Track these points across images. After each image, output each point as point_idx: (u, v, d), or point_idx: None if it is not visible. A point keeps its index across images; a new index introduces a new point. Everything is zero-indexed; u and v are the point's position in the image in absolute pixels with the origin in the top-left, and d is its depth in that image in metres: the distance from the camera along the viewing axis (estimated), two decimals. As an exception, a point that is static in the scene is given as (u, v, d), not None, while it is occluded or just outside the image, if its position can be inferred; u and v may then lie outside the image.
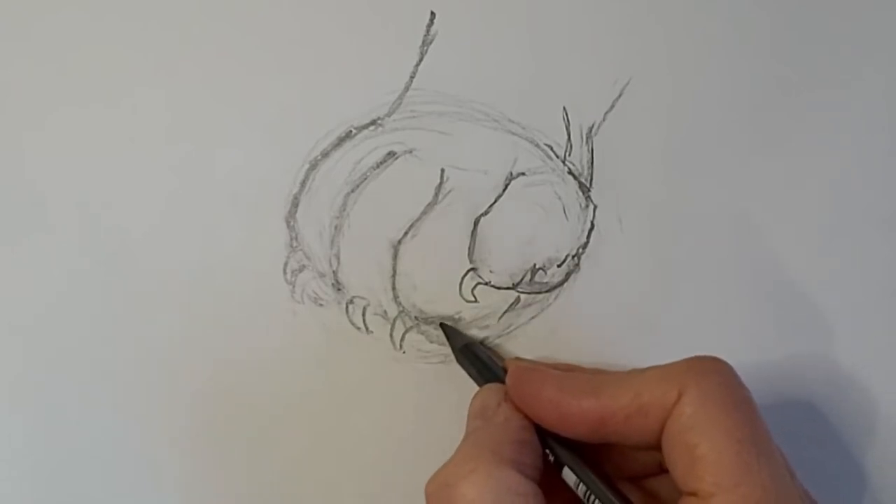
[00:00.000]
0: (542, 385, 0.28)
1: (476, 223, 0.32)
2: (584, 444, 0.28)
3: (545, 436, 0.29)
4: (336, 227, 0.32)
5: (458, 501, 0.26)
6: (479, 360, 0.32)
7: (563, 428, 0.28)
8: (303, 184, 0.32)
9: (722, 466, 0.25)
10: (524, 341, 0.33)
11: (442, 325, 0.33)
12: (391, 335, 0.33)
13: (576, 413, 0.27)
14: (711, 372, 0.27)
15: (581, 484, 0.28)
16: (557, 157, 0.32)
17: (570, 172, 0.32)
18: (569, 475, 0.28)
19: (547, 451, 0.29)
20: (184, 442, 0.34)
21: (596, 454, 0.29)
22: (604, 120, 0.32)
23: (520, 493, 0.26)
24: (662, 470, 0.27)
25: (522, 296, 0.33)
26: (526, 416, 0.29)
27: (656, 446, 0.27)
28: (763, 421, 0.26)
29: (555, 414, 0.28)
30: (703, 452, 0.25)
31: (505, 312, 0.33)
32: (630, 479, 0.30)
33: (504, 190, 0.32)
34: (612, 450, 0.30)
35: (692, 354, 0.33)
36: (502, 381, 0.30)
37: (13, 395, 0.33)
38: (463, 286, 0.33)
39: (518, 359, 0.33)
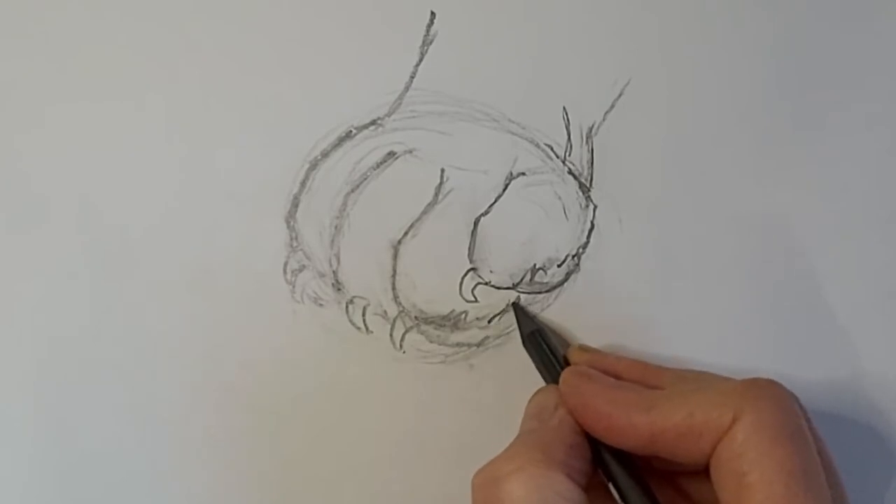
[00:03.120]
0: (594, 397, 0.28)
1: (476, 223, 0.32)
2: None
3: (595, 443, 0.29)
4: (336, 227, 0.32)
5: (505, 498, 0.25)
6: (543, 350, 0.32)
7: (612, 440, 0.28)
8: (303, 184, 0.32)
9: (771, 498, 0.24)
10: (524, 341, 0.33)
11: (514, 306, 0.33)
12: (391, 335, 0.33)
13: (626, 427, 0.27)
14: (768, 397, 0.26)
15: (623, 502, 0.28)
16: (557, 157, 0.32)
17: (570, 172, 0.32)
18: (615, 490, 0.29)
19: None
20: (184, 441, 0.34)
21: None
22: (604, 120, 0.32)
23: (566, 497, 0.26)
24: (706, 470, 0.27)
25: (522, 296, 0.33)
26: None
27: (705, 465, 0.27)
28: (814, 452, 0.26)
29: (604, 426, 0.28)
30: (752, 481, 0.25)
31: (505, 312, 0.33)
32: (673, 474, 0.30)
33: (504, 190, 0.32)
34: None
35: (692, 354, 0.33)
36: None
37: (13, 396, 0.33)
38: (463, 286, 0.33)
39: (581, 347, 0.33)
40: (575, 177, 0.32)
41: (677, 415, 0.27)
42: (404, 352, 0.33)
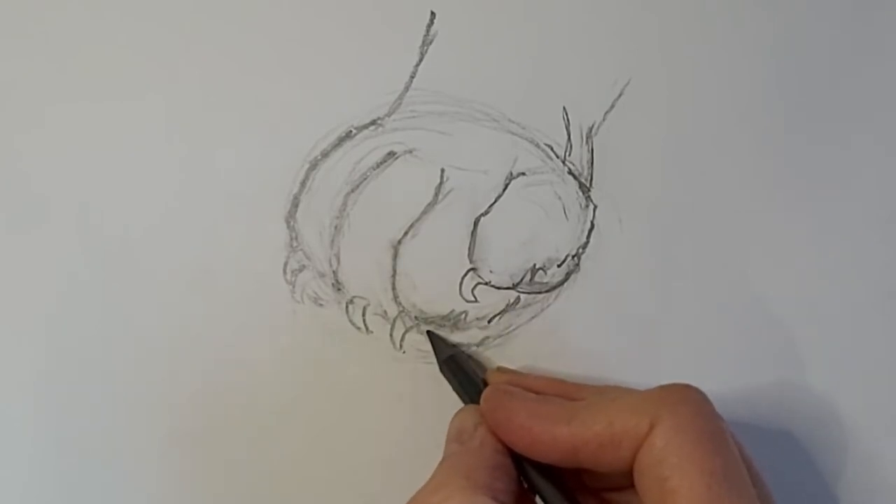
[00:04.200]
0: (515, 412, 0.28)
1: (476, 223, 0.32)
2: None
3: (519, 459, 0.29)
4: (336, 227, 0.32)
5: None
6: (460, 374, 0.32)
7: (536, 454, 0.28)
8: (303, 184, 0.32)
9: (693, 500, 0.25)
10: (524, 341, 0.33)
11: (429, 333, 0.33)
12: (391, 335, 0.33)
13: (547, 441, 0.27)
14: (684, 402, 0.27)
15: None
16: (557, 157, 0.32)
17: (570, 172, 0.32)
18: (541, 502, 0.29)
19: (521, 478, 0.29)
20: (184, 441, 0.34)
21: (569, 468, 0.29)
22: (604, 120, 0.32)
23: None
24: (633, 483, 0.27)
25: (522, 296, 0.33)
26: (501, 440, 0.29)
27: (628, 473, 0.27)
28: (735, 452, 0.26)
29: (527, 440, 0.28)
30: (674, 486, 0.25)
31: (505, 312, 0.33)
32: (603, 490, 0.30)
33: (504, 190, 0.32)
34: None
35: (691, 354, 0.33)
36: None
37: (13, 396, 0.33)
38: (463, 286, 0.33)
39: (500, 369, 0.33)
40: (575, 177, 0.32)
41: (597, 424, 0.27)
42: (404, 352, 0.33)
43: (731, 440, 0.27)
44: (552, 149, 0.32)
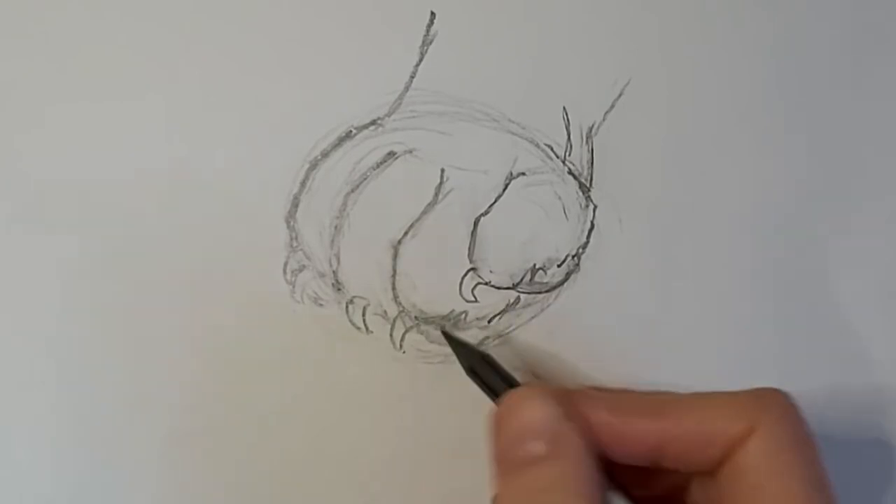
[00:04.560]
0: (593, 408, 0.27)
1: (476, 223, 0.32)
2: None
3: None
4: (336, 227, 0.32)
5: None
6: (495, 370, 0.31)
7: (618, 451, 0.26)
8: (303, 184, 0.32)
9: None
10: (524, 341, 0.33)
11: (444, 334, 0.32)
12: (391, 335, 0.33)
13: (632, 435, 0.26)
14: (781, 406, 0.26)
15: None
16: (557, 157, 0.32)
17: (570, 172, 0.32)
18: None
19: None
20: (183, 441, 0.34)
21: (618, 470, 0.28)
22: (604, 120, 0.32)
23: None
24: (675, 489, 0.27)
25: (522, 296, 0.33)
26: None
27: (710, 474, 0.26)
28: (822, 460, 0.26)
29: (609, 437, 0.26)
30: (772, 493, 0.24)
31: (505, 312, 0.33)
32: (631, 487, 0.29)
33: (504, 190, 0.32)
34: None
35: (692, 355, 0.33)
36: None
37: (12, 396, 0.33)
38: (463, 286, 0.33)
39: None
40: (575, 177, 0.32)
41: (689, 421, 0.26)
42: (404, 352, 0.33)
43: (818, 447, 0.26)
44: (552, 149, 0.32)
